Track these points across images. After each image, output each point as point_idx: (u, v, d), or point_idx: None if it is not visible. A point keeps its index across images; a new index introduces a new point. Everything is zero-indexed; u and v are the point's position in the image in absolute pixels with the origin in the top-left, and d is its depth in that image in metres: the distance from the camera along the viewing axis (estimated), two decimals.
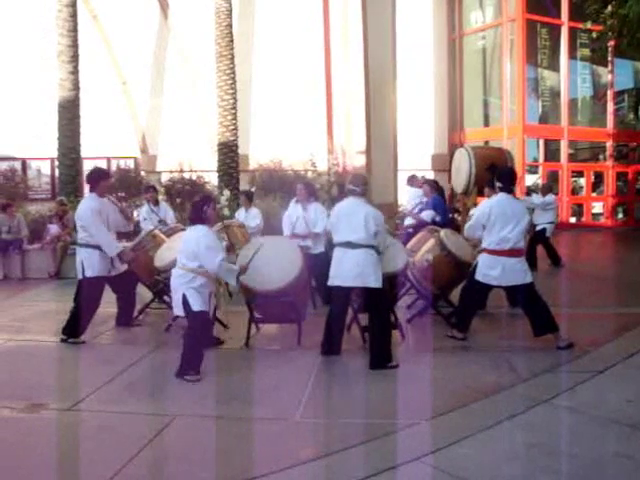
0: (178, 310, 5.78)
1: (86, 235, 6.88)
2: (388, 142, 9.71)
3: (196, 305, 5.62)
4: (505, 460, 3.88)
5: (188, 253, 5.70)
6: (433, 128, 20.77)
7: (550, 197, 12.11)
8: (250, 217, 9.83)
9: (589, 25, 14.95)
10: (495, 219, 6.28)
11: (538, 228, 11.78)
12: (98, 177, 7.08)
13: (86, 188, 16.12)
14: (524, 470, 3.76)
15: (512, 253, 6.31)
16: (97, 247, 6.87)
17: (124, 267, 7.22)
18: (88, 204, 6.93)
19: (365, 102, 9.91)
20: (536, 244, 11.75)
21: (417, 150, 18.80)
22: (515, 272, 6.32)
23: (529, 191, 18.00)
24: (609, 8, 14.18)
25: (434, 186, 9.51)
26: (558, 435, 4.25)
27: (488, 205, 6.48)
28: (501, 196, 6.47)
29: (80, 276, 6.96)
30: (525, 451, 3.97)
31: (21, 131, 16.69)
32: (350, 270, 5.88)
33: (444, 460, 3.86)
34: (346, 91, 18.84)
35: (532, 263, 11.11)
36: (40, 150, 16.64)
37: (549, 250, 11.99)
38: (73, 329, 6.81)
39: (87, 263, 6.87)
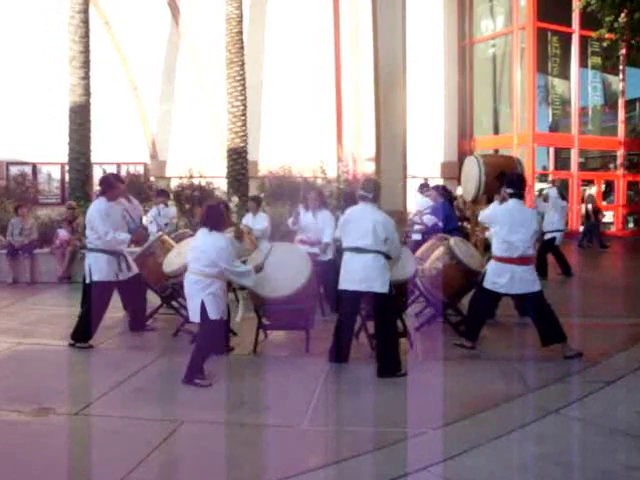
0: (194, 317, 5.69)
1: (95, 238, 6.91)
2: (397, 149, 9.70)
3: (213, 313, 5.60)
4: (514, 471, 3.84)
5: (206, 260, 5.64)
6: (443, 136, 20.73)
7: (564, 202, 12.19)
8: (257, 221, 9.84)
9: (605, 34, 14.85)
10: (503, 226, 6.25)
11: (547, 237, 11.73)
12: (111, 183, 7.16)
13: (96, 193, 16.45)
14: None
15: (521, 261, 6.26)
16: (104, 251, 6.92)
17: (133, 271, 7.25)
18: (97, 207, 7.01)
19: (375, 109, 9.92)
20: (546, 253, 11.69)
21: (427, 158, 18.79)
22: (524, 280, 6.27)
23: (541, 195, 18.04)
24: (622, 16, 14.12)
25: (442, 192, 9.44)
26: (568, 446, 4.21)
27: (498, 211, 6.46)
28: (512, 202, 6.40)
29: (88, 280, 7.00)
30: (534, 462, 3.94)
31: (32, 136, 16.76)
32: (356, 273, 5.87)
33: (453, 470, 3.83)
34: (356, 98, 18.85)
35: (543, 272, 11.10)
36: (50, 155, 16.72)
37: (559, 259, 11.93)
38: (82, 333, 6.84)
39: (94, 267, 6.91)
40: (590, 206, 17.80)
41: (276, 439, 4.41)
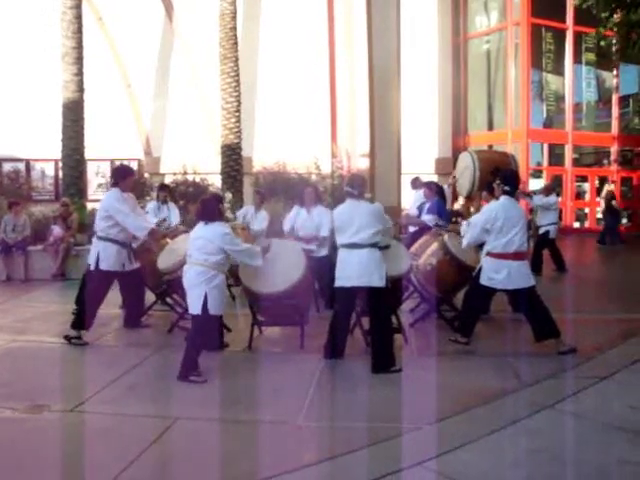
0: (195, 309, 5.65)
1: (107, 227, 6.94)
2: (392, 145, 9.72)
3: (213, 308, 5.61)
4: (508, 466, 3.86)
5: (213, 249, 5.66)
6: (437, 132, 20.69)
7: (552, 198, 12.05)
8: (259, 219, 9.79)
9: (602, 31, 14.84)
10: (502, 223, 6.25)
11: (541, 230, 11.73)
12: (124, 174, 7.29)
13: (90, 190, 16.50)
14: (527, 476, 3.73)
15: (517, 256, 6.29)
16: (115, 241, 6.94)
17: (136, 265, 7.27)
18: (113, 195, 7.05)
19: (369, 105, 9.92)
20: (542, 248, 11.69)
21: (421, 153, 18.76)
22: (520, 275, 6.30)
23: (534, 192, 18.06)
24: (617, 14, 14.13)
25: (434, 189, 9.43)
26: (562, 441, 4.22)
27: (493, 209, 6.44)
28: (505, 199, 6.44)
29: (93, 267, 6.97)
30: (528, 457, 3.95)
31: (25, 132, 16.70)
32: (355, 270, 5.87)
33: (447, 465, 3.84)
34: (350, 94, 18.83)
35: (537, 268, 11.09)
36: (44, 151, 16.66)
37: (555, 254, 11.90)
38: (81, 321, 6.83)
39: (103, 255, 6.92)
40: (614, 202, 17.64)
41: (271, 435, 4.40)
